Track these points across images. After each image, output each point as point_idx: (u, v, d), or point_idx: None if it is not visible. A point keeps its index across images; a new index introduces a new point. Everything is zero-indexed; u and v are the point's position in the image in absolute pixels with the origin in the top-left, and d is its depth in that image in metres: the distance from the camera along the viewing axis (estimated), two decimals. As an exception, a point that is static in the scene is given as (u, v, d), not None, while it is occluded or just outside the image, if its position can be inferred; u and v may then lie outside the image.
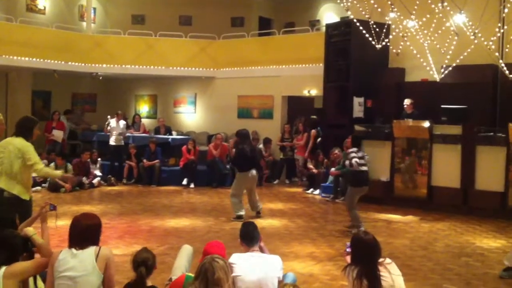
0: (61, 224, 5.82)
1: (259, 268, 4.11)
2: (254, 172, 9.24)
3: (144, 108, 18.41)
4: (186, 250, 4.78)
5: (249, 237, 4.35)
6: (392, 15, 10.38)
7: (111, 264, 3.78)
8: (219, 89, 16.52)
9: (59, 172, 5.78)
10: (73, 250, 3.77)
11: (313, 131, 13.07)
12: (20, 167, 5.52)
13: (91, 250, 3.77)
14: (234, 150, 9.76)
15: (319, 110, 14.05)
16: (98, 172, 13.04)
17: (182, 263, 4.57)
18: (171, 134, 14.78)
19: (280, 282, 4.19)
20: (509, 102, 10.37)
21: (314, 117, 13.76)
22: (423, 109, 10.81)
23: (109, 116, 13.79)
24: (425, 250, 7.32)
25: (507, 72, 9.83)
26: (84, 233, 3.82)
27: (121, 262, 5.33)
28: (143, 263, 3.66)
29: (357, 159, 8.08)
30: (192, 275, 4.03)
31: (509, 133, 9.21)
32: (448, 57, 10.58)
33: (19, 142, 5.58)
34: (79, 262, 3.71)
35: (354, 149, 8.33)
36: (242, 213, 9.03)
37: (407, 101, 10.95)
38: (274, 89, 15.23)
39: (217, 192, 12.21)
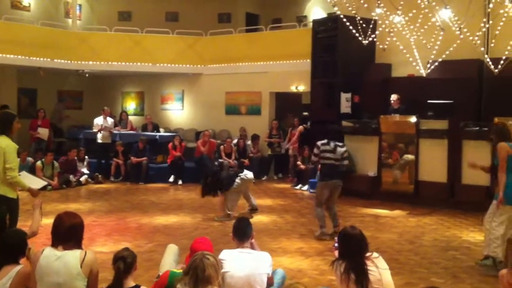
0: (48, 222, 5.77)
1: (247, 264, 4.12)
2: (248, 175, 9.09)
3: (131, 105, 18.32)
4: (172, 249, 4.79)
5: (241, 233, 4.34)
6: (378, 10, 10.42)
7: (95, 268, 3.75)
8: (206, 85, 16.49)
9: (27, 186, 5.66)
10: (57, 251, 3.69)
11: (300, 127, 13.12)
12: (3, 167, 5.35)
13: (76, 254, 3.69)
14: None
15: (307, 106, 14.08)
16: (85, 170, 12.95)
17: (169, 260, 4.57)
18: (158, 131, 14.73)
19: (269, 278, 4.21)
20: (494, 96, 10.46)
21: (306, 113, 13.79)
22: (410, 104, 10.87)
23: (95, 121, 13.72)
24: (412, 244, 7.37)
25: (492, 67, 9.92)
26: (68, 232, 3.76)
27: (108, 260, 5.28)
28: (121, 259, 3.65)
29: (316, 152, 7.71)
30: (177, 271, 4.04)
31: (494, 128, 9.29)
32: (434, 52, 10.65)
33: (3, 141, 5.42)
34: (63, 266, 3.63)
35: (323, 141, 7.74)
36: (233, 211, 9.01)
37: (393, 97, 11.01)
38: (262, 85, 15.24)
39: (205, 189, 12.17)
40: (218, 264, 3.36)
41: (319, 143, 7.74)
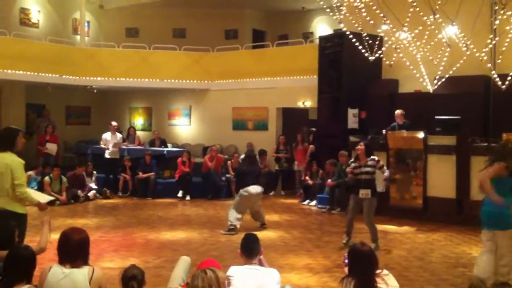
0: (56, 237, 5.78)
1: (255, 281, 4.09)
2: (258, 189, 9.24)
3: (138, 120, 18.41)
4: (183, 261, 4.76)
5: (249, 249, 4.33)
6: (384, 27, 10.46)
7: (104, 286, 3.74)
8: (213, 101, 16.56)
9: (36, 200, 5.65)
10: (64, 269, 3.68)
11: (311, 146, 13.10)
12: (12, 184, 5.33)
13: (84, 271, 3.68)
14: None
15: (313, 121, 14.10)
16: (93, 185, 12.99)
17: (179, 274, 4.54)
18: (166, 147, 14.77)
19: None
20: (501, 112, 10.45)
21: (314, 129, 13.76)
22: (417, 120, 10.87)
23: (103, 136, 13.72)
24: (421, 260, 7.32)
25: (499, 83, 9.91)
26: (76, 249, 3.75)
27: (115, 275, 5.27)
28: (134, 278, 3.63)
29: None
30: None
31: (503, 143, 9.25)
32: (441, 68, 10.67)
33: (8, 158, 5.39)
34: (71, 284, 3.62)
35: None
36: (236, 223, 8.97)
37: (398, 112, 11.00)
38: (269, 101, 15.28)
39: (213, 204, 12.18)
40: (218, 279, 3.32)
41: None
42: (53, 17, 17.11)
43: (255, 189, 9.16)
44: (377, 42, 10.73)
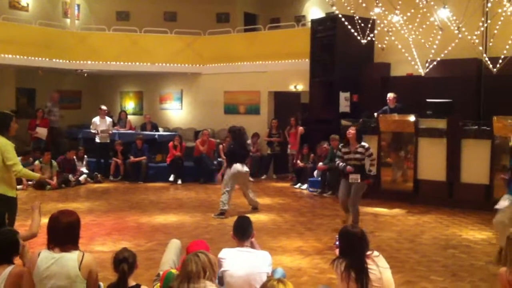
0: (47, 222, 5.77)
1: (247, 264, 4.12)
2: (239, 166, 9.10)
3: (130, 104, 18.31)
4: (174, 244, 4.78)
5: (242, 232, 4.34)
6: (377, 10, 10.43)
7: (95, 270, 3.72)
8: (205, 85, 16.49)
9: (37, 174, 5.68)
10: (54, 253, 3.65)
11: (301, 128, 13.13)
12: (2, 166, 5.38)
13: (74, 256, 3.64)
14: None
15: (305, 105, 14.09)
16: (84, 169, 12.94)
17: (170, 257, 4.56)
18: (157, 131, 14.72)
19: (269, 277, 4.20)
20: (493, 95, 10.48)
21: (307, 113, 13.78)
22: (409, 103, 10.88)
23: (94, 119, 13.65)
24: (411, 242, 7.38)
25: (491, 66, 9.94)
26: (65, 232, 3.71)
27: (107, 259, 5.28)
28: (125, 260, 3.62)
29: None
30: (174, 271, 4.03)
31: (493, 126, 9.32)
32: (433, 51, 10.68)
33: None
34: (61, 269, 3.59)
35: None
36: (226, 207, 8.99)
37: (390, 95, 11.00)
38: (261, 85, 15.23)
39: (205, 188, 12.18)
40: (211, 262, 3.34)
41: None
42: (43, 0, 16.89)
43: (241, 166, 9.13)
44: (369, 25, 10.71)
